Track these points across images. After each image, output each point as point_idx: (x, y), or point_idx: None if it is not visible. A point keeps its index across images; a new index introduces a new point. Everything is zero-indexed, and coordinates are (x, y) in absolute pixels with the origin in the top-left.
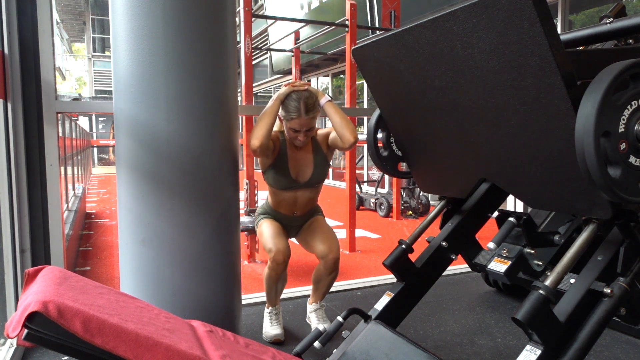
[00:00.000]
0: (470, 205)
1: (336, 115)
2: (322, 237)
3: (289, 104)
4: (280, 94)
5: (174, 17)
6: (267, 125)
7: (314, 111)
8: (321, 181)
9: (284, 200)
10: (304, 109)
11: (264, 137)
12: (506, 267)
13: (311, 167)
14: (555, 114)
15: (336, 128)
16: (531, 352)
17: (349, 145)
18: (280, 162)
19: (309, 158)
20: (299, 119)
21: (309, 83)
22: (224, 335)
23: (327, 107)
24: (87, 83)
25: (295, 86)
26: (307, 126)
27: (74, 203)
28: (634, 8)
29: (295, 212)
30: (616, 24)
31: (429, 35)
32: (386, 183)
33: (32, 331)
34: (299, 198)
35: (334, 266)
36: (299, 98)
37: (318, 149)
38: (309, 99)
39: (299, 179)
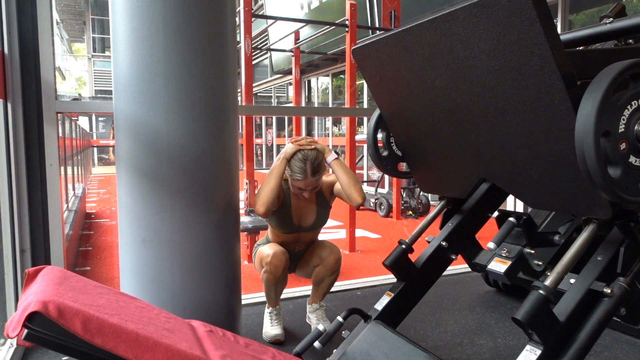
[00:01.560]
0: (470, 205)
1: (344, 175)
2: (321, 247)
3: (295, 165)
4: (287, 153)
5: (174, 17)
6: (272, 190)
7: (320, 172)
8: (323, 224)
9: (284, 240)
10: (310, 171)
11: (269, 203)
12: (506, 267)
13: (314, 215)
14: (555, 114)
15: (344, 188)
16: (531, 352)
17: (355, 206)
18: (284, 210)
19: (313, 207)
20: (304, 181)
21: (316, 140)
22: (224, 335)
23: (335, 166)
24: (87, 83)
25: (302, 145)
26: (312, 186)
27: (74, 203)
28: (634, 8)
29: (296, 249)
30: (616, 24)
31: (429, 35)
32: (386, 183)
33: (32, 331)
34: (300, 239)
35: (336, 266)
36: (305, 158)
37: (322, 197)
38: (315, 160)
39: (302, 225)
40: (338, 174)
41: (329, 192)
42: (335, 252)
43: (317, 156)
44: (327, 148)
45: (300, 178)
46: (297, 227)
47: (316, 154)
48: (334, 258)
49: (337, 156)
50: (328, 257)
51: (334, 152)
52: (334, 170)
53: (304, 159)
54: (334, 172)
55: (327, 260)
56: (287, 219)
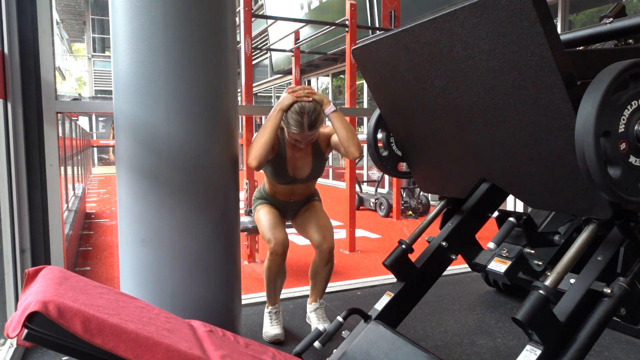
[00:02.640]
0: (470, 205)
1: (342, 128)
2: (317, 226)
3: (291, 117)
4: (283, 104)
5: (174, 17)
6: (266, 144)
7: (317, 126)
8: (318, 176)
9: (280, 190)
10: (307, 125)
11: (262, 157)
12: (506, 267)
13: (309, 167)
14: (555, 114)
15: (342, 141)
16: (531, 352)
17: (352, 159)
18: (279, 161)
19: (308, 158)
20: (301, 134)
21: (313, 91)
22: (224, 335)
23: (333, 118)
24: (87, 83)
25: (299, 96)
26: (308, 139)
27: (74, 203)
28: (634, 8)
29: (292, 199)
30: (616, 24)
31: (429, 35)
32: (386, 183)
33: (32, 331)
34: (295, 190)
35: (329, 256)
36: (302, 111)
37: (317, 149)
38: (313, 113)
39: (297, 176)
40: (336, 127)
41: (326, 144)
42: (329, 240)
43: (315, 108)
44: (325, 99)
45: (296, 131)
46: (292, 178)
47: (314, 106)
48: (327, 247)
49: (335, 108)
50: (321, 246)
51: (333, 104)
52: (332, 123)
53: (301, 112)
54: (333, 125)
55: (320, 249)
56: (282, 170)
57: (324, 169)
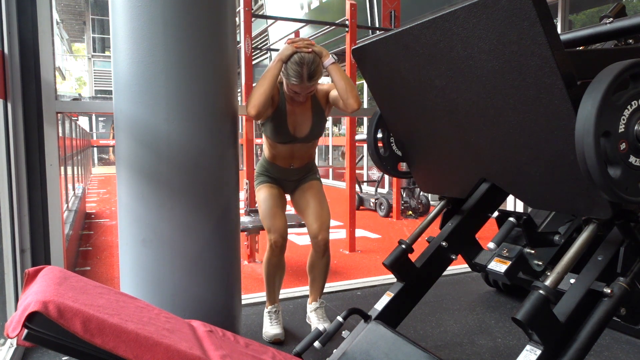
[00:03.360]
0: (470, 205)
1: (341, 80)
2: (315, 212)
3: (291, 68)
4: (283, 55)
5: (174, 17)
6: (265, 92)
7: (316, 77)
8: (318, 136)
9: (280, 153)
10: (306, 76)
11: (262, 105)
12: (506, 267)
13: (309, 124)
14: (555, 114)
15: (340, 94)
16: (531, 352)
17: (351, 112)
18: (279, 117)
19: (308, 114)
20: (300, 85)
21: (313, 42)
22: (224, 335)
23: (332, 70)
24: (87, 83)
25: (299, 47)
26: (308, 90)
27: (74, 203)
28: (634, 8)
29: (292, 165)
30: (616, 24)
31: (429, 35)
32: (386, 183)
33: (32, 331)
34: (295, 152)
35: (325, 247)
36: (301, 62)
37: (317, 106)
38: (313, 64)
39: (297, 134)
40: (335, 78)
41: (325, 100)
42: (325, 230)
43: (315, 59)
44: (325, 51)
45: (296, 82)
46: (292, 136)
47: (314, 57)
48: (322, 239)
49: (334, 60)
50: (317, 237)
51: (332, 56)
52: (331, 74)
53: (300, 62)
54: (331, 76)
55: (316, 240)
56: (282, 127)
57: (324, 128)
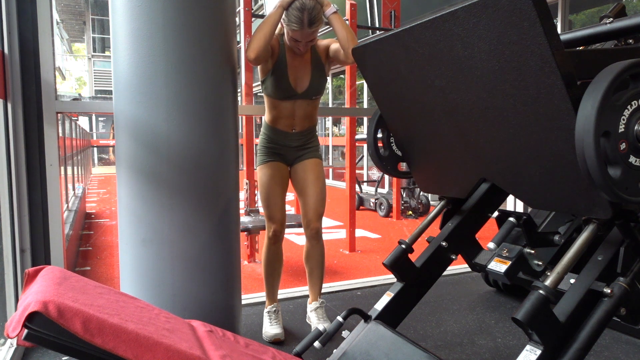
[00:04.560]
0: (470, 205)
1: (342, 29)
2: (311, 199)
3: (292, 13)
4: (284, 2)
5: (174, 17)
6: (265, 36)
7: (317, 24)
8: (319, 93)
9: (281, 113)
10: (307, 21)
11: (261, 49)
12: (506, 267)
13: (309, 77)
14: (555, 114)
15: (341, 42)
16: (531, 352)
17: (351, 61)
18: (279, 69)
19: (308, 67)
20: (301, 31)
21: None
22: (224, 335)
23: (333, 19)
24: (87, 83)
25: None
26: (308, 38)
27: (74, 203)
28: (634, 8)
29: (294, 128)
30: (616, 24)
31: (429, 35)
32: (386, 183)
33: (32, 331)
34: (296, 110)
35: (317, 235)
36: (302, 8)
37: (317, 59)
38: (314, 10)
39: (297, 89)
40: (337, 27)
41: (325, 55)
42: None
43: (315, 6)
44: (326, 0)
45: (296, 28)
46: (293, 90)
47: (314, 4)
48: (315, 227)
49: (335, 10)
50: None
51: (333, 6)
52: (332, 23)
53: (301, 8)
54: (332, 25)
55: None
56: (283, 80)
57: (324, 84)
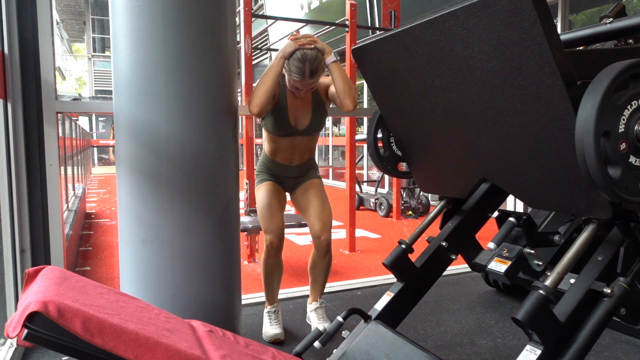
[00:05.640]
0: (470, 205)
1: (340, 80)
2: (317, 212)
3: (293, 64)
4: (285, 52)
5: (174, 17)
6: (268, 91)
7: (318, 74)
8: (319, 129)
9: (281, 148)
10: (308, 72)
11: (264, 104)
12: (506, 267)
13: (310, 115)
14: (555, 114)
15: (338, 93)
16: (531, 352)
17: (347, 112)
18: (280, 109)
19: (308, 106)
20: (302, 82)
21: (315, 39)
22: (224, 335)
23: (333, 69)
24: (87, 83)
25: (302, 44)
26: (309, 87)
27: (74, 203)
28: (634, 8)
29: (292, 162)
30: (616, 24)
31: (429, 36)
32: (386, 183)
33: (32, 331)
34: (296, 146)
35: (327, 248)
36: (304, 59)
37: (318, 98)
38: (315, 61)
39: (298, 126)
40: (335, 77)
41: (325, 93)
42: (327, 230)
43: (317, 56)
44: (327, 48)
45: (298, 79)
46: (293, 128)
47: (316, 54)
48: (325, 239)
49: (336, 59)
50: (319, 237)
51: (334, 54)
52: (331, 72)
53: (302, 59)
54: (331, 74)
55: (318, 240)
56: (283, 119)
57: (324, 121)
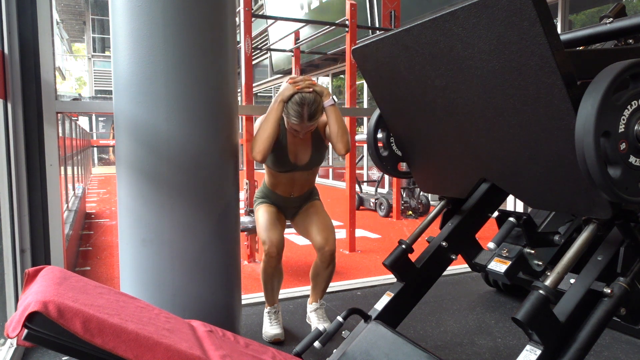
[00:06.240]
0: (470, 205)
1: (335, 124)
2: (318, 227)
3: (292, 108)
4: (284, 96)
5: (173, 17)
6: (269, 138)
7: (316, 117)
8: (319, 164)
9: (280, 181)
10: (307, 116)
11: (267, 150)
12: (506, 267)
13: (309, 151)
14: (555, 114)
15: (331, 136)
16: (531, 352)
17: (338, 154)
18: (280, 147)
19: (308, 143)
20: (300, 125)
21: (314, 82)
22: (224, 335)
23: (329, 112)
24: (87, 83)
25: (300, 87)
26: (308, 129)
27: (74, 203)
28: (634, 8)
29: (292, 194)
30: (616, 24)
31: (429, 35)
32: (386, 183)
33: (32, 331)
34: (296, 180)
35: (331, 259)
36: (302, 102)
37: (317, 134)
38: (313, 104)
39: (297, 162)
40: (330, 121)
41: (324, 130)
42: (330, 242)
43: (315, 99)
44: (326, 90)
45: (296, 122)
46: (293, 165)
47: (314, 98)
48: (329, 250)
49: (334, 102)
50: (323, 249)
51: (332, 98)
52: (327, 115)
53: (301, 103)
54: (327, 117)
55: (322, 252)
56: (283, 157)
57: (324, 156)
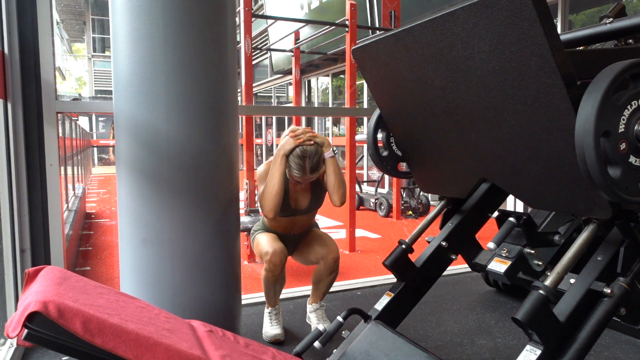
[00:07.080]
0: (470, 205)
1: (333, 175)
2: (320, 242)
3: (293, 161)
4: (286, 150)
5: (174, 17)
6: (277, 195)
7: (318, 170)
8: (318, 208)
9: (281, 224)
10: (309, 169)
11: (277, 207)
12: (506, 267)
13: (309, 197)
14: (555, 114)
15: (329, 187)
16: (531, 352)
17: (334, 205)
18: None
19: (307, 189)
20: (302, 177)
21: (314, 133)
22: (224, 335)
23: (328, 163)
24: (87, 83)
25: (302, 141)
26: (309, 181)
27: (74, 203)
28: (634, 8)
29: (292, 232)
30: (616, 24)
31: (429, 35)
32: (386, 183)
33: (32, 331)
34: (296, 222)
35: (334, 265)
36: (304, 155)
37: (317, 181)
38: (315, 156)
39: (298, 207)
40: (328, 172)
41: (323, 177)
42: (334, 251)
43: (317, 151)
44: (326, 141)
45: (298, 175)
46: (293, 210)
47: (315, 150)
48: (332, 258)
49: (333, 154)
50: (327, 257)
51: (332, 150)
52: (326, 166)
53: (303, 156)
54: (326, 168)
55: (325, 259)
56: (284, 203)
57: (322, 200)
